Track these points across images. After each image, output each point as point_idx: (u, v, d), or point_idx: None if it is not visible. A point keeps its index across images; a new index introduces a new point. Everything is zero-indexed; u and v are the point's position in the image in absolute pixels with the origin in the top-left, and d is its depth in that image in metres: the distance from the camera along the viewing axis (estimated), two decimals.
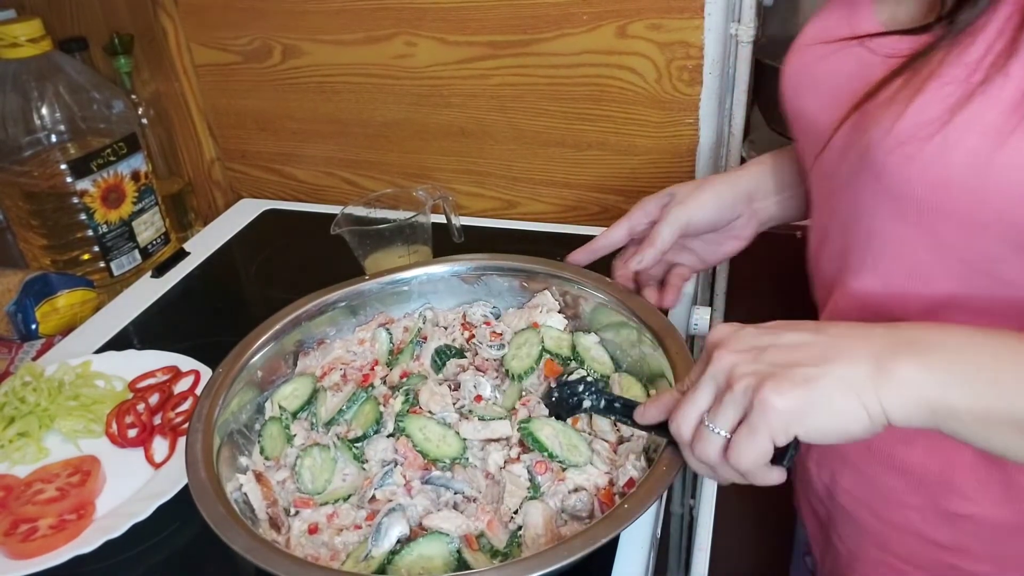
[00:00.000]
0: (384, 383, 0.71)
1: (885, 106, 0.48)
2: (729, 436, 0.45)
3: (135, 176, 1.02)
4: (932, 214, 0.47)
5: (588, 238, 1.05)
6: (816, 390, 0.42)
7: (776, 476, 0.46)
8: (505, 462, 0.62)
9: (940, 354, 0.42)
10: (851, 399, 0.42)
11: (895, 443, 0.58)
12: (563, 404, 0.64)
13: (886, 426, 0.42)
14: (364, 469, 0.64)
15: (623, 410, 0.59)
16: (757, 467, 0.45)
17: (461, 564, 0.54)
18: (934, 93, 0.45)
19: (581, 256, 0.74)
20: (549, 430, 0.62)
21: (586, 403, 0.62)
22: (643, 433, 0.64)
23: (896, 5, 0.53)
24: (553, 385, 0.67)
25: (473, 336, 0.75)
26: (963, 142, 0.44)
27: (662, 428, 0.53)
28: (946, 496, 0.56)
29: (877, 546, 0.63)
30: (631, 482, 0.59)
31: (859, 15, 0.55)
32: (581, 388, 0.63)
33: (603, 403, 0.61)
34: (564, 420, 0.64)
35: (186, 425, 0.72)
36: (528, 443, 0.62)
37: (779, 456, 0.46)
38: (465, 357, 0.73)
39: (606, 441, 0.64)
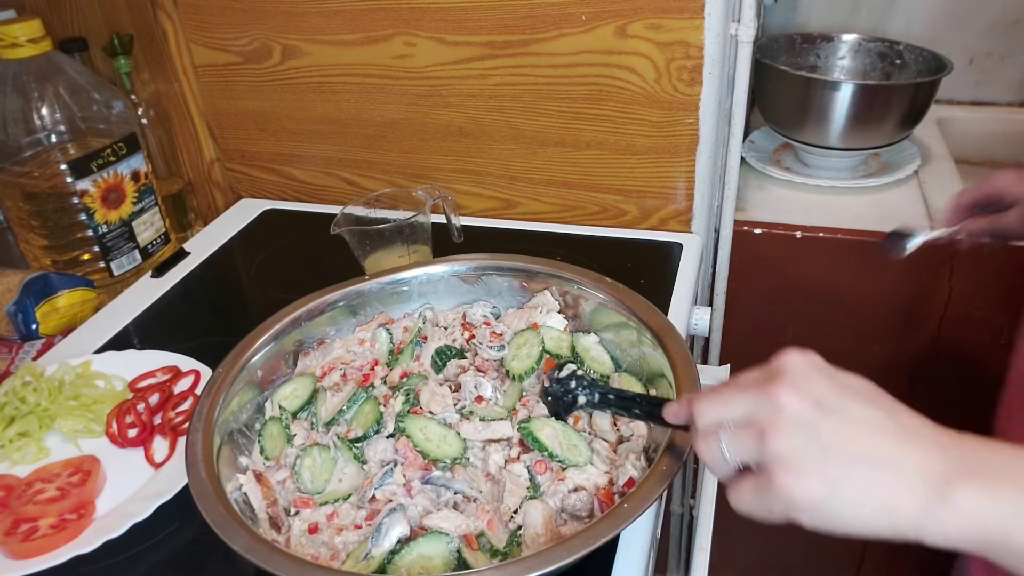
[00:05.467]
0: (384, 383, 0.71)
1: None
2: (731, 461, 0.44)
3: (135, 176, 1.02)
4: None
5: (588, 238, 1.05)
6: (843, 496, 0.39)
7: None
8: (505, 462, 0.62)
9: (1011, 482, 0.38)
10: (881, 514, 0.39)
11: None
12: (560, 403, 0.64)
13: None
14: (364, 469, 0.64)
15: (618, 402, 0.59)
16: (741, 504, 0.43)
17: (461, 564, 0.55)
18: None
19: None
20: (549, 430, 0.62)
21: (581, 399, 0.61)
22: (643, 430, 0.64)
23: None
24: (546, 384, 0.67)
25: (473, 336, 0.75)
26: None
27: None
28: None
29: None
30: (631, 482, 0.59)
31: None
32: (574, 384, 0.63)
33: (597, 397, 0.61)
34: (564, 419, 0.64)
35: (186, 425, 0.72)
36: (528, 443, 0.62)
37: None
38: (466, 357, 0.73)
39: (606, 441, 0.64)
